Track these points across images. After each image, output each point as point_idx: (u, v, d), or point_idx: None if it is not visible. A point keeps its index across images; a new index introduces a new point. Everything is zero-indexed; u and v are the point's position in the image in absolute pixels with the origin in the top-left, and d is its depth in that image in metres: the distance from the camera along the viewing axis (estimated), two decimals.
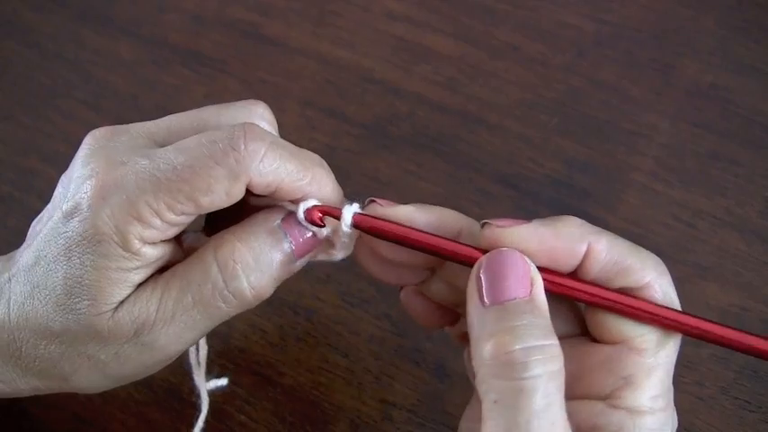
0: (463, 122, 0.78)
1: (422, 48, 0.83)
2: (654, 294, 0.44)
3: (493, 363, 0.40)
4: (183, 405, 0.67)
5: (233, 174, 0.44)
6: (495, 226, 0.44)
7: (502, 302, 0.41)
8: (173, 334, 0.46)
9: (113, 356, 0.46)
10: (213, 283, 0.46)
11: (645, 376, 0.44)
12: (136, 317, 0.45)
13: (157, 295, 0.46)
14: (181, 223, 0.46)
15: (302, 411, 0.66)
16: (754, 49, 0.79)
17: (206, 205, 0.45)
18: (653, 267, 0.44)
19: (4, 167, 0.80)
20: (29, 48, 0.88)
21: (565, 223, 0.44)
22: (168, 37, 0.87)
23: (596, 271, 0.44)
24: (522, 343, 0.40)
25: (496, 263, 0.43)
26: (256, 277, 0.46)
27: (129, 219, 0.44)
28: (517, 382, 0.39)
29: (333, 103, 0.80)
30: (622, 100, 0.78)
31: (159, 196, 0.44)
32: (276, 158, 0.46)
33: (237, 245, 0.46)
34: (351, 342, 0.68)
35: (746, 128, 0.75)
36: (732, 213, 0.71)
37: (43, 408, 0.67)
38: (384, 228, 0.46)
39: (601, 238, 0.44)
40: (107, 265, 0.45)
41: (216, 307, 0.46)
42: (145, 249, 0.45)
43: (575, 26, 0.82)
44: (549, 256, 0.44)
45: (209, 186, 0.44)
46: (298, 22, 0.86)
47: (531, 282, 0.42)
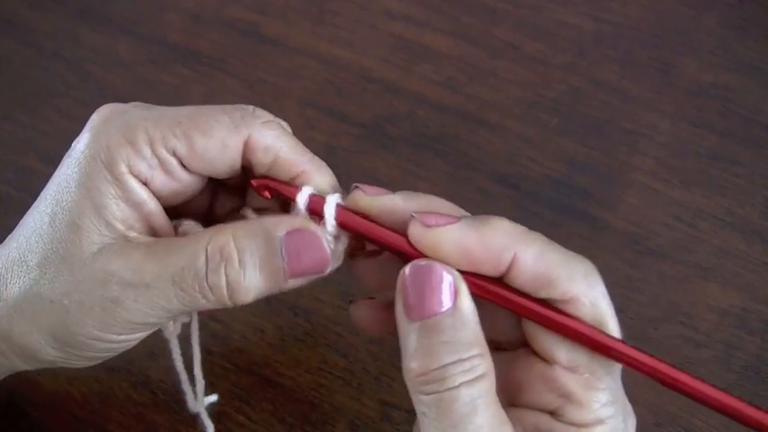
0: (463, 122, 0.78)
1: (421, 47, 0.83)
2: (581, 308, 0.42)
3: (416, 380, 0.40)
4: (181, 406, 0.67)
5: (235, 124, 0.46)
6: (420, 224, 0.42)
7: (423, 318, 0.41)
8: (142, 303, 0.44)
9: (77, 305, 0.44)
10: (196, 271, 0.44)
11: (584, 392, 0.42)
12: (111, 264, 0.44)
13: (140, 257, 0.44)
14: (169, 166, 0.46)
15: (301, 412, 0.66)
16: (755, 49, 0.79)
17: (200, 148, 0.45)
18: (582, 279, 0.42)
19: (2, 166, 0.80)
20: (27, 46, 0.88)
21: (492, 229, 0.42)
22: (167, 36, 0.87)
23: (522, 281, 0.42)
24: (441, 362, 0.40)
25: (417, 276, 0.41)
26: (236, 280, 0.44)
27: (120, 140, 0.44)
28: (438, 395, 0.40)
29: (332, 103, 0.80)
30: (622, 99, 0.78)
31: (158, 126, 0.45)
32: (279, 128, 0.47)
33: (231, 241, 0.44)
34: (350, 343, 0.68)
35: (747, 127, 0.75)
36: (733, 213, 0.71)
37: (41, 409, 0.67)
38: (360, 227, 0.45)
39: (528, 248, 0.41)
40: (88, 183, 0.44)
41: (191, 294, 0.44)
42: (128, 179, 0.45)
43: (575, 25, 0.82)
44: (472, 264, 0.42)
45: (209, 128, 0.45)
46: (297, 22, 0.86)
47: (456, 291, 0.41)
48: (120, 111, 0.47)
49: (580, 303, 0.41)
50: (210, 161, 0.46)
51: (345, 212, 0.45)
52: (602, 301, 0.42)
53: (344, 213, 0.45)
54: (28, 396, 0.67)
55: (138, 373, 0.68)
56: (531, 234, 0.42)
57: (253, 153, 0.46)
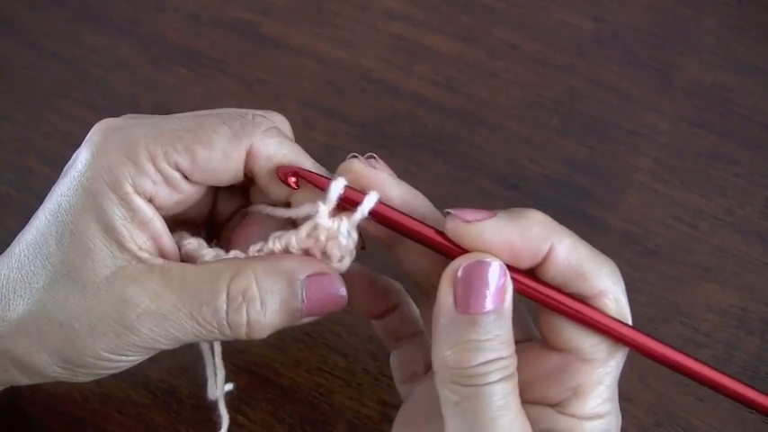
0: (462, 122, 0.78)
1: (421, 47, 0.83)
2: (607, 303, 0.43)
3: (453, 371, 0.41)
4: (182, 407, 0.67)
5: (236, 134, 0.46)
6: (460, 220, 0.43)
7: (472, 314, 0.41)
8: (157, 332, 0.45)
9: (88, 329, 0.44)
10: (216, 309, 0.45)
11: (593, 386, 0.44)
12: (128, 296, 0.44)
13: (157, 284, 0.45)
14: (172, 180, 0.46)
15: (301, 412, 0.66)
16: (754, 49, 0.79)
17: (202, 161, 0.45)
18: (608, 275, 0.44)
19: (2, 167, 0.80)
20: (27, 47, 0.88)
21: (529, 221, 0.43)
22: (167, 36, 0.87)
23: (554, 273, 0.43)
24: (483, 358, 0.41)
25: (478, 273, 0.42)
26: (256, 320, 0.45)
27: (122, 159, 0.44)
28: (478, 388, 0.41)
29: (331, 103, 0.80)
30: (622, 99, 0.78)
31: (158, 141, 0.45)
32: (280, 135, 0.48)
33: (253, 283, 0.45)
34: (349, 343, 0.68)
35: (747, 127, 0.75)
36: (732, 214, 0.71)
37: (42, 409, 0.67)
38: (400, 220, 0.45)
39: (563, 240, 0.43)
40: (94, 206, 0.44)
41: (208, 330, 0.45)
42: (133, 198, 0.45)
43: (574, 25, 0.82)
44: (511, 255, 0.43)
45: (210, 140, 0.45)
46: (296, 22, 0.86)
47: (505, 292, 0.42)
48: (116, 127, 0.47)
49: (606, 299, 0.43)
50: (213, 172, 0.46)
51: (383, 207, 0.46)
52: (624, 299, 0.44)
53: (382, 208, 0.46)
54: (28, 397, 0.67)
55: (138, 373, 0.68)
56: (563, 227, 0.44)
57: (255, 162, 0.47)
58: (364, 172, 0.47)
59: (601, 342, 0.44)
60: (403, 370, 0.56)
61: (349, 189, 0.46)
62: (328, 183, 0.46)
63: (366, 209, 0.45)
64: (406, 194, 0.47)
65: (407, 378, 0.55)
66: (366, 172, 0.47)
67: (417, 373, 0.55)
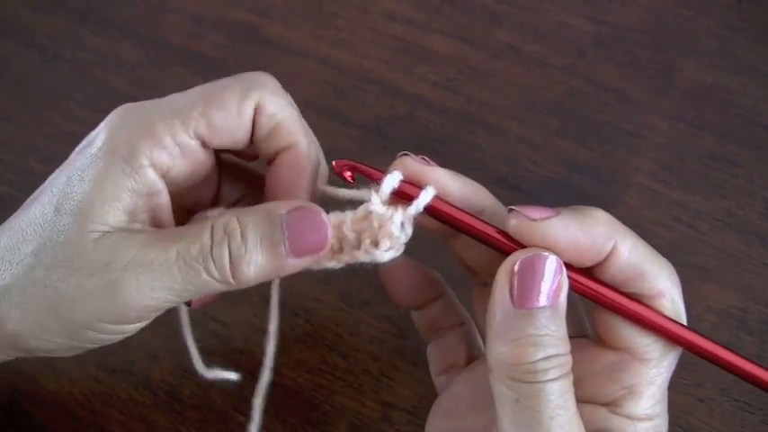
0: (463, 124, 0.78)
1: (421, 49, 0.83)
2: (665, 304, 0.44)
3: (513, 368, 0.41)
4: (183, 407, 0.67)
5: (246, 90, 0.48)
6: (525, 217, 0.43)
7: (530, 309, 0.41)
8: (144, 282, 0.44)
9: (73, 288, 0.44)
10: (201, 245, 0.44)
11: (647, 386, 0.44)
12: (115, 247, 0.44)
13: (145, 236, 0.45)
14: (190, 149, 0.47)
15: (302, 413, 0.66)
16: (754, 50, 0.79)
17: (218, 122, 0.47)
18: (667, 277, 0.44)
19: (3, 168, 0.80)
20: (29, 48, 0.88)
21: (595, 219, 0.43)
22: (168, 38, 0.87)
23: (614, 271, 0.44)
24: (543, 353, 0.41)
25: (534, 267, 0.42)
26: (238, 253, 0.44)
27: (141, 134, 0.45)
28: (537, 385, 0.40)
29: (332, 105, 0.80)
30: (622, 101, 0.78)
31: (176, 114, 0.47)
32: (284, 97, 0.50)
33: (234, 218, 0.45)
34: (350, 343, 0.68)
35: (746, 128, 0.75)
36: (732, 215, 0.71)
37: (43, 409, 0.67)
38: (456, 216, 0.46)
39: (626, 240, 0.43)
40: (105, 176, 0.45)
41: (195, 269, 0.44)
42: (147, 171, 0.45)
43: (574, 27, 0.82)
44: (575, 253, 0.43)
45: (223, 101, 0.47)
46: (297, 24, 0.86)
47: (560, 288, 0.42)
48: (134, 108, 0.48)
49: (664, 299, 0.44)
50: (229, 131, 0.48)
51: (438, 202, 0.46)
52: (680, 301, 0.45)
53: (438, 203, 0.46)
54: (30, 396, 0.67)
55: (140, 373, 0.68)
56: (626, 227, 0.44)
57: (259, 115, 0.48)
58: (419, 168, 0.47)
59: (656, 341, 0.44)
60: (441, 362, 0.56)
61: (404, 183, 0.46)
62: (383, 176, 0.46)
63: (422, 203, 0.45)
64: (465, 189, 0.47)
65: (445, 370, 0.56)
66: (421, 168, 0.47)
67: (456, 365, 0.55)
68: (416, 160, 0.47)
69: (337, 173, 0.48)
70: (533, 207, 0.43)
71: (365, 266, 0.49)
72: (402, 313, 0.68)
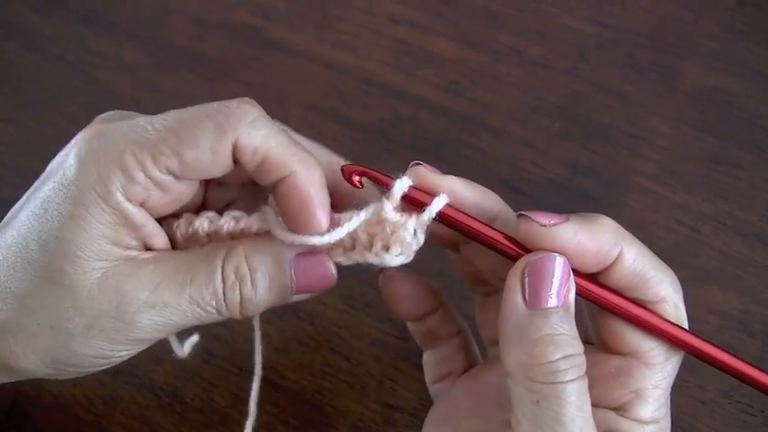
0: (465, 126, 0.78)
1: (424, 51, 0.83)
2: (667, 309, 0.45)
3: (533, 368, 0.41)
4: (185, 409, 0.67)
5: (220, 128, 0.45)
6: (535, 222, 0.43)
7: (544, 309, 0.42)
8: (158, 321, 0.45)
9: (83, 329, 0.44)
10: (215, 290, 0.46)
11: (652, 390, 0.45)
12: (122, 287, 0.44)
13: (157, 278, 0.45)
14: (164, 184, 0.45)
15: (305, 415, 0.66)
16: (756, 52, 0.79)
17: (190, 161, 0.44)
18: (669, 283, 0.45)
19: (6, 170, 0.80)
20: (31, 51, 0.88)
21: (602, 226, 0.44)
22: (172, 40, 0.87)
23: (619, 277, 0.44)
24: (562, 352, 0.41)
25: (544, 268, 0.43)
26: (249, 297, 0.47)
27: (112, 167, 0.44)
28: (558, 386, 0.41)
29: (335, 107, 0.80)
30: (624, 103, 0.78)
31: (145, 147, 0.44)
32: (267, 126, 0.46)
33: (243, 261, 0.47)
34: (353, 346, 0.68)
35: (748, 131, 0.75)
36: (734, 217, 0.71)
37: (45, 410, 0.67)
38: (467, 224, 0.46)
39: (631, 247, 0.44)
40: (84, 215, 0.44)
41: (207, 311, 0.46)
42: (126, 206, 0.45)
43: (577, 30, 0.82)
44: (583, 258, 0.44)
45: (196, 139, 0.44)
46: (301, 26, 0.86)
47: (568, 288, 0.43)
48: (101, 132, 0.46)
49: (666, 305, 0.45)
50: (203, 170, 0.46)
51: (451, 210, 0.46)
52: (682, 305, 0.46)
53: (450, 210, 0.46)
54: (32, 398, 0.68)
55: (143, 376, 0.68)
56: (630, 234, 0.45)
57: (241, 155, 0.46)
58: (431, 176, 0.47)
59: (659, 346, 0.45)
60: (438, 369, 0.56)
61: (415, 190, 0.46)
62: (393, 181, 0.46)
63: (434, 210, 0.45)
64: (477, 196, 0.48)
65: (441, 377, 0.56)
66: (432, 176, 0.47)
67: (453, 373, 0.55)
68: (429, 169, 0.47)
69: (347, 179, 0.48)
70: (543, 213, 0.44)
71: (372, 268, 0.49)
72: None
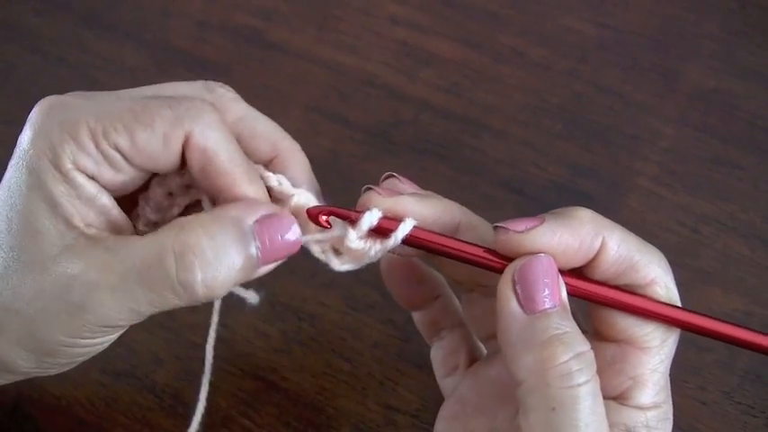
0: (467, 127, 0.78)
1: (425, 53, 0.83)
2: (658, 291, 0.44)
3: (546, 373, 0.41)
4: (187, 411, 0.67)
5: (177, 116, 0.44)
6: (512, 231, 0.43)
7: (542, 311, 0.42)
8: (109, 305, 0.43)
9: (41, 311, 0.43)
10: (165, 271, 0.42)
11: (650, 374, 0.45)
12: (75, 274, 0.43)
13: (102, 257, 0.43)
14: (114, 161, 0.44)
15: (306, 416, 0.66)
16: (758, 54, 0.79)
17: (141, 143, 0.44)
18: (658, 264, 0.45)
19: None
20: (32, 52, 0.88)
21: (580, 220, 0.44)
22: (172, 42, 0.87)
23: (606, 266, 0.44)
24: (572, 351, 0.41)
25: (534, 271, 0.42)
26: (212, 275, 0.43)
27: (64, 136, 0.43)
28: (573, 390, 0.40)
29: (336, 109, 0.80)
30: (626, 105, 0.78)
31: (100, 120, 0.43)
32: (222, 132, 0.46)
33: (202, 237, 0.43)
34: (354, 347, 0.68)
35: (750, 132, 0.75)
36: (736, 218, 0.71)
37: (47, 412, 0.67)
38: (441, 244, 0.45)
39: (613, 234, 0.44)
40: (39, 184, 0.43)
41: (161, 294, 0.43)
42: (75, 175, 0.43)
43: (578, 31, 0.82)
44: (566, 255, 0.43)
45: (152, 122, 0.44)
46: (301, 28, 0.86)
47: (559, 287, 0.43)
48: (59, 103, 0.45)
49: (657, 286, 0.44)
50: (152, 155, 0.45)
51: (418, 231, 0.45)
52: (673, 285, 0.45)
53: (418, 232, 0.45)
54: (34, 400, 0.68)
55: (144, 377, 0.68)
56: (610, 221, 0.45)
57: (189, 151, 0.45)
58: (386, 204, 0.46)
59: (655, 329, 0.45)
60: (446, 363, 0.56)
61: (383, 219, 0.45)
62: (359, 216, 0.45)
63: (400, 237, 0.45)
64: (436, 210, 0.47)
65: (450, 371, 0.56)
66: (387, 204, 0.46)
67: (460, 367, 0.55)
68: (383, 193, 0.46)
69: (313, 220, 0.46)
70: (517, 220, 0.44)
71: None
72: (406, 317, 0.68)
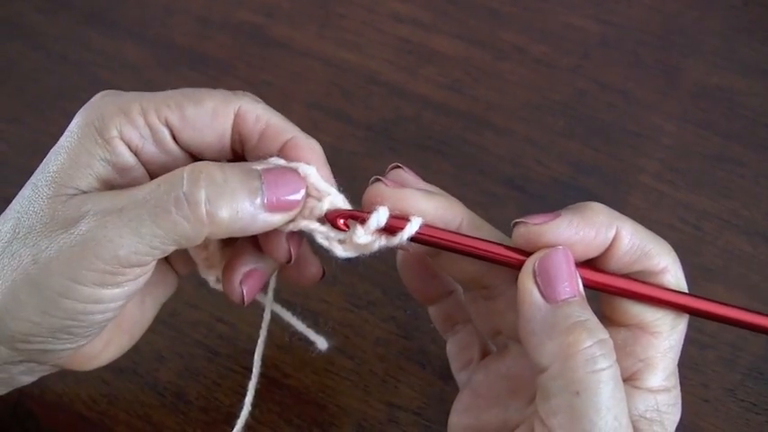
0: (468, 124, 0.78)
1: (427, 50, 0.83)
2: (669, 278, 0.46)
3: (572, 358, 0.42)
4: (189, 408, 0.67)
5: (225, 95, 0.48)
6: (532, 224, 0.44)
7: (564, 300, 0.43)
8: (111, 230, 0.42)
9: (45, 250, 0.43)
10: (173, 185, 0.43)
11: (661, 358, 0.46)
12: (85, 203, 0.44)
13: (118, 192, 0.45)
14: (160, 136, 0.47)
15: (308, 413, 0.66)
16: (760, 51, 0.79)
17: (191, 116, 0.47)
18: (667, 253, 0.46)
19: (9, 169, 0.81)
20: (35, 50, 0.88)
21: (594, 211, 0.45)
22: (174, 39, 0.87)
23: (621, 254, 0.45)
24: (595, 337, 0.42)
25: (553, 263, 0.44)
26: (216, 195, 0.43)
27: (114, 109, 0.46)
28: (596, 375, 0.41)
29: (338, 105, 0.80)
30: (628, 102, 0.78)
31: (152, 99, 0.47)
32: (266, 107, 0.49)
33: (212, 165, 0.45)
34: (357, 344, 0.68)
35: (752, 129, 0.75)
36: (738, 215, 0.71)
37: (49, 409, 0.68)
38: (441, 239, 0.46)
39: (626, 224, 0.45)
40: (77, 145, 0.46)
41: (166, 210, 0.43)
42: (117, 143, 0.46)
43: (580, 28, 0.82)
44: (584, 245, 0.45)
45: (201, 99, 0.47)
46: (303, 24, 0.86)
47: (577, 278, 0.44)
48: (114, 92, 0.49)
49: (668, 274, 0.46)
50: (201, 130, 0.47)
51: (429, 228, 0.46)
52: (681, 274, 0.46)
53: (428, 229, 0.46)
54: (35, 397, 0.68)
55: (146, 374, 0.68)
56: (621, 214, 0.46)
57: (244, 121, 0.48)
58: (393, 196, 0.47)
59: (665, 315, 0.46)
60: (461, 357, 0.57)
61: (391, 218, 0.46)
62: (368, 215, 0.46)
63: (406, 235, 0.46)
64: (440, 207, 0.47)
65: (464, 365, 0.56)
66: (394, 196, 0.47)
67: (473, 360, 0.56)
68: (390, 184, 0.47)
69: (331, 223, 0.47)
70: (535, 215, 0.45)
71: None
72: (408, 315, 0.68)
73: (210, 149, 0.49)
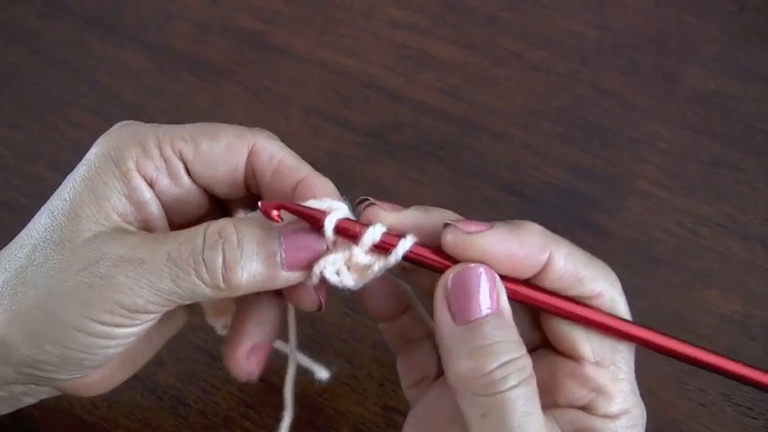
0: (466, 130, 0.78)
1: (425, 55, 0.83)
2: (603, 303, 0.45)
3: (473, 382, 0.41)
4: (188, 412, 0.67)
5: (240, 131, 0.49)
6: (461, 231, 0.43)
7: (473, 321, 0.42)
8: (132, 279, 0.43)
9: (61, 283, 0.44)
10: (194, 246, 0.44)
11: (613, 384, 0.45)
12: (106, 245, 0.44)
13: (137, 237, 0.45)
14: (174, 169, 0.47)
15: (306, 418, 0.66)
16: (757, 56, 0.79)
17: (205, 150, 0.47)
18: (604, 278, 0.45)
19: (10, 174, 0.81)
20: (35, 55, 0.88)
21: (528, 231, 0.44)
22: (174, 45, 0.87)
23: (553, 279, 0.44)
24: (498, 360, 0.41)
25: (463, 281, 0.43)
26: (234, 261, 0.44)
27: (131, 141, 0.47)
28: (500, 395, 0.41)
29: (336, 111, 0.81)
30: (625, 107, 0.78)
31: (168, 132, 0.47)
32: (281, 143, 0.50)
33: (231, 224, 0.45)
34: (355, 349, 0.69)
35: (749, 134, 0.75)
36: (735, 220, 0.72)
37: (48, 413, 0.68)
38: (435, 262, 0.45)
39: (561, 248, 0.44)
40: (95, 177, 0.46)
41: (185, 271, 0.44)
42: (134, 176, 0.46)
43: (578, 34, 0.83)
44: (512, 264, 0.44)
45: (216, 134, 0.48)
46: (302, 30, 0.86)
47: (497, 294, 0.43)
48: (132, 123, 0.49)
49: (603, 300, 0.45)
50: (214, 164, 0.48)
51: (418, 247, 0.45)
52: (621, 299, 0.46)
53: (417, 248, 0.45)
54: None
55: (146, 378, 0.68)
56: (558, 236, 0.45)
57: (258, 158, 0.48)
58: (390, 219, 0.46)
59: (602, 343, 0.45)
60: (412, 374, 0.56)
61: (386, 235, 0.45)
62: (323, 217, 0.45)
63: (401, 253, 0.45)
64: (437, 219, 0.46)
65: (416, 383, 0.55)
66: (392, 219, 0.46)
67: (427, 377, 0.55)
68: (387, 208, 0.46)
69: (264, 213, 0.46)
70: (469, 222, 0.44)
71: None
72: None
73: (223, 184, 0.49)
